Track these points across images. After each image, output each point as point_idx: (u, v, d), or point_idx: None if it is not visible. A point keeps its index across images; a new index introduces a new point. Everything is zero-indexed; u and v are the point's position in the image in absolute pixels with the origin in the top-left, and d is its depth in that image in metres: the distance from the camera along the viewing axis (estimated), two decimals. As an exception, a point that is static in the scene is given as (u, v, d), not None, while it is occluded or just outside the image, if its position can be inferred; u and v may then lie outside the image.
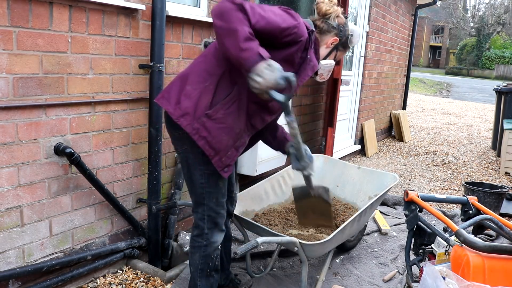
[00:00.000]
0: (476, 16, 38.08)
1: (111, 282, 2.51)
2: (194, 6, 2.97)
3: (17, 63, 1.95)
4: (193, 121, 1.80)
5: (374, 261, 3.04)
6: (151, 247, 2.69)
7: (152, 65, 2.49)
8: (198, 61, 1.90)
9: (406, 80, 8.67)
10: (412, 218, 2.40)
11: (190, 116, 1.80)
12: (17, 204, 2.06)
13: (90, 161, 2.34)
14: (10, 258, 2.07)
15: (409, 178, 5.42)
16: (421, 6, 8.38)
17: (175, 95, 1.84)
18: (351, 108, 6.15)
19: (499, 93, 6.94)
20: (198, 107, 1.81)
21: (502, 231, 2.14)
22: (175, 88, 1.87)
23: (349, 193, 3.10)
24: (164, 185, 2.85)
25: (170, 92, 1.87)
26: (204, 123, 1.80)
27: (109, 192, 2.40)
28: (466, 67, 37.00)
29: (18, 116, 2.00)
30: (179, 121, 1.81)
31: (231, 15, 1.61)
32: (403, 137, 7.78)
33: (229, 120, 1.83)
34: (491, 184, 4.18)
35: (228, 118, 1.82)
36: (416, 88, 20.75)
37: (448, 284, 1.73)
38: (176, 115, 1.81)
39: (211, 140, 1.82)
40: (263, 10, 1.71)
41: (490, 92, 19.14)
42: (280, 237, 2.14)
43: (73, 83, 2.20)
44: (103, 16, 2.29)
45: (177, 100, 1.83)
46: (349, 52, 5.71)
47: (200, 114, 1.80)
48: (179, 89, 1.85)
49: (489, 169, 5.97)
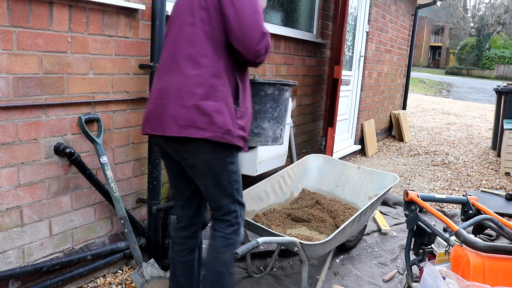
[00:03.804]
0: (476, 16, 38.06)
1: (111, 282, 2.51)
2: (194, 6, 2.97)
3: (17, 63, 1.95)
4: (235, 131, 1.74)
5: (374, 261, 3.04)
6: (151, 247, 2.69)
7: (152, 65, 2.49)
8: (190, 70, 1.69)
9: (406, 80, 8.67)
10: (412, 218, 2.40)
11: (231, 127, 1.73)
12: (17, 204, 2.06)
13: (90, 161, 2.34)
14: (10, 258, 2.07)
15: (409, 178, 5.42)
16: (421, 6, 8.38)
17: (199, 118, 1.67)
18: (351, 108, 6.15)
19: (499, 93, 6.94)
20: (231, 114, 1.73)
21: (502, 231, 2.14)
22: (193, 112, 1.67)
23: (349, 193, 3.10)
24: (164, 185, 2.85)
25: (189, 117, 1.67)
26: (240, 124, 1.77)
27: (109, 192, 2.40)
28: (466, 67, 36.99)
29: (18, 116, 2.00)
30: (225, 140, 1.70)
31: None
32: (403, 137, 7.78)
33: (248, 105, 1.86)
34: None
35: (248, 104, 1.85)
36: (416, 88, 20.75)
37: (448, 284, 1.73)
38: (218, 136, 1.69)
39: (246, 134, 1.81)
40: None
41: (490, 92, 19.16)
42: (280, 237, 2.14)
43: (73, 83, 2.20)
44: (103, 16, 2.29)
45: (207, 123, 1.67)
46: (349, 52, 5.71)
47: (234, 119, 1.75)
48: (196, 111, 1.67)
49: (489, 169, 5.97)
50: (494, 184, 5.23)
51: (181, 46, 1.72)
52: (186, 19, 1.73)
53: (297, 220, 2.87)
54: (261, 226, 2.34)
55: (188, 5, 1.74)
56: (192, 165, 1.79)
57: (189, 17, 1.72)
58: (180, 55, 1.72)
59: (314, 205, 2.99)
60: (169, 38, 1.79)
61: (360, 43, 5.95)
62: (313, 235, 2.72)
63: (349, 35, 5.57)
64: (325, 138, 4.97)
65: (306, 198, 3.08)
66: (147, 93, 2.59)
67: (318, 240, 2.59)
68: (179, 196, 2.01)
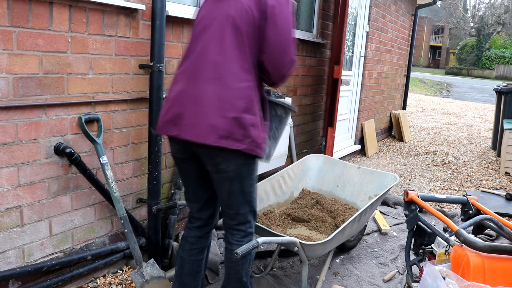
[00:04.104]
0: (476, 16, 38.05)
1: (111, 282, 2.51)
2: (194, 6, 2.97)
3: (17, 63, 1.95)
4: (262, 144, 1.82)
5: (374, 261, 3.04)
6: (151, 247, 2.69)
7: (152, 65, 2.49)
8: (232, 82, 1.74)
9: (406, 80, 8.67)
10: (412, 218, 2.40)
11: (260, 140, 1.81)
12: (17, 204, 2.06)
13: (90, 161, 2.34)
14: (10, 258, 2.07)
15: (409, 178, 5.42)
16: (421, 6, 8.38)
17: (236, 130, 1.73)
18: (351, 108, 6.14)
19: (499, 93, 6.94)
20: (262, 128, 1.83)
21: (502, 231, 2.14)
22: (232, 124, 1.73)
23: (349, 193, 3.10)
24: (164, 185, 2.85)
25: (228, 129, 1.72)
26: (263, 137, 1.84)
27: (109, 192, 2.40)
28: (466, 67, 36.98)
29: (18, 116, 2.00)
30: (255, 152, 1.78)
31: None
32: (403, 137, 7.78)
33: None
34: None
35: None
36: (416, 88, 20.75)
37: (448, 284, 1.73)
38: (251, 148, 1.77)
39: (266, 146, 1.89)
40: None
41: (490, 92, 19.16)
42: (280, 237, 2.14)
43: (73, 83, 2.20)
44: (103, 16, 2.29)
45: (243, 135, 1.74)
46: (349, 52, 5.71)
47: (262, 132, 1.83)
48: (236, 123, 1.73)
49: (489, 169, 5.97)
50: (494, 184, 5.23)
51: (221, 56, 1.75)
52: (227, 29, 1.76)
53: (297, 220, 2.87)
54: (261, 226, 2.34)
55: (228, 15, 1.77)
56: (224, 170, 1.81)
57: (230, 27, 1.76)
58: (220, 65, 1.74)
59: (314, 205, 2.99)
60: (203, 43, 1.80)
61: (360, 43, 5.94)
62: (313, 235, 2.72)
63: (349, 35, 5.57)
64: (325, 138, 4.97)
65: (306, 198, 3.08)
66: (147, 93, 2.59)
67: (318, 240, 2.59)
68: (196, 199, 2.04)
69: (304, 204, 2.99)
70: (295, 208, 2.94)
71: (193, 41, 1.85)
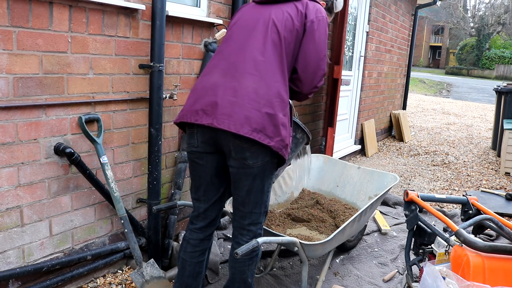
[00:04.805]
0: (476, 16, 38.06)
1: (111, 282, 2.51)
2: (194, 6, 2.97)
3: (17, 63, 1.95)
4: (289, 147, 1.86)
5: (374, 261, 3.04)
6: (151, 247, 2.69)
7: (152, 65, 2.49)
8: (270, 81, 1.81)
9: (406, 80, 8.67)
10: (412, 218, 2.40)
11: (288, 142, 1.85)
12: (17, 204, 2.06)
13: (90, 161, 2.34)
14: (10, 258, 2.07)
15: (409, 178, 5.42)
16: (421, 6, 8.38)
17: (269, 126, 1.77)
18: (351, 108, 6.15)
19: (499, 93, 6.94)
20: (290, 131, 1.89)
21: (502, 231, 2.14)
22: (266, 119, 1.77)
23: (349, 193, 3.10)
24: (164, 185, 2.86)
25: (262, 123, 1.76)
26: (289, 142, 1.88)
27: (109, 192, 2.40)
28: (466, 67, 36.98)
29: (18, 116, 2.00)
30: (282, 152, 1.81)
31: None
32: (403, 137, 7.78)
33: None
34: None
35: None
36: (416, 88, 20.75)
37: (448, 284, 1.73)
38: (279, 147, 1.80)
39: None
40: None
41: (490, 92, 19.16)
42: (280, 237, 2.14)
43: (73, 83, 2.20)
44: (103, 16, 2.29)
45: (274, 133, 1.78)
46: (349, 52, 5.71)
47: (289, 136, 1.88)
48: (269, 119, 1.77)
49: (489, 169, 5.97)
50: (494, 184, 5.23)
51: (262, 55, 1.83)
52: (269, 32, 1.86)
53: (297, 220, 2.87)
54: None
55: (272, 19, 1.88)
56: (250, 165, 1.82)
57: (273, 32, 1.87)
58: (261, 63, 1.82)
59: (314, 205, 2.99)
60: (244, 41, 1.88)
61: (360, 43, 5.94)
62: (313, 235, 2.72)
63: (349, 35, 5.57)
64: (325, 138, 4.97)
65: (306, 198, 3.08)
66: (147, 93, 2.59)
67: (318, 240, 2.59)
68: (205, 199, 2.02)
69: (304, 204, 2.99)
70: (295, 208, 2.94)
71: (231, 38, 1.93)
